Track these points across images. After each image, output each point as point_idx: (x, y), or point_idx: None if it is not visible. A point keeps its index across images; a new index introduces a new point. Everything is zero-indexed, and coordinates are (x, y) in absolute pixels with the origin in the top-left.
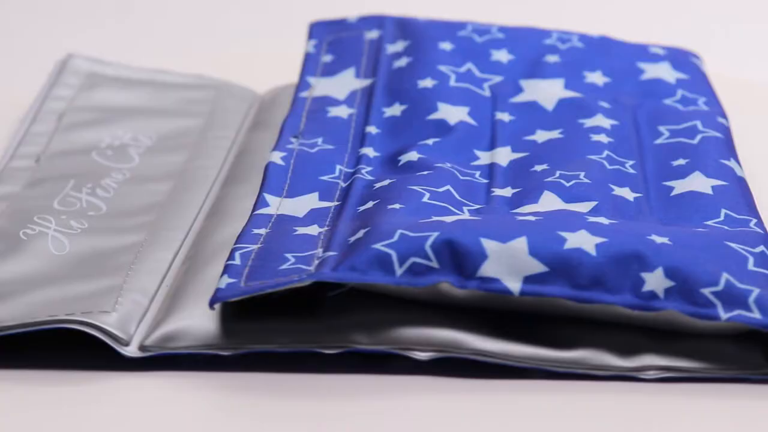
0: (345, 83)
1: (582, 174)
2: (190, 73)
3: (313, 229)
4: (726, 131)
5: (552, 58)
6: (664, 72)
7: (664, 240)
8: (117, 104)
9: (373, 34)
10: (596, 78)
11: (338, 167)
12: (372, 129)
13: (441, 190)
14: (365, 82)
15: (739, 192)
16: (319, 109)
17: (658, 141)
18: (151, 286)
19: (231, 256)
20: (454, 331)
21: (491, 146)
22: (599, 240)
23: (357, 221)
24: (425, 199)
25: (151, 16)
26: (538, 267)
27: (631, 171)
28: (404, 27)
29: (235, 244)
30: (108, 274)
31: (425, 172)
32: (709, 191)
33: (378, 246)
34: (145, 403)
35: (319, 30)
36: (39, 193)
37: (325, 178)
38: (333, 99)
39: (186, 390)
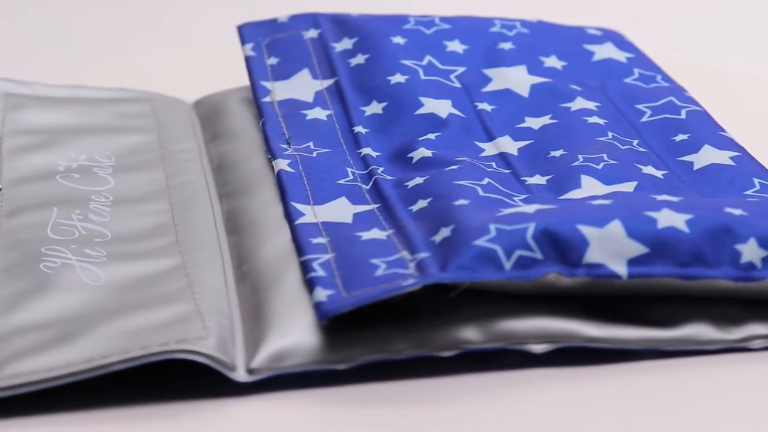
0: (305, 85)
1: (605, 155)
2: (100, 86)
3: (377, 233)
4: (700, 104)
5: (506, 46)
6: (612, 52)
7: (740, 211)
8: (52, 125)
9: (311, 33)
10: (553, 62)
11: (349, 170)
12: (360, 129)
13: (484, 183)
14: (327, 83)
15: (754, 160)
16: (292, 113)
17: (644, 119)
18: (223, 307)
19: (310, 268)
20: (564, 321)
21: (489, 137)
22: (686, 217)
23: (425, 221)
24: (481, 193)
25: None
26: (639, 249)
27: (642, 149)
28: (343, 24)
29: (302, 256)
30: (171, 300)
31: (453, 167)
32: (730, 162)
33: (479, 242)
34: (270, 428)
35: (250, 32)
36: (23, 223)
37: (341, 182)
38: (301, 102)
39: (302, 408)
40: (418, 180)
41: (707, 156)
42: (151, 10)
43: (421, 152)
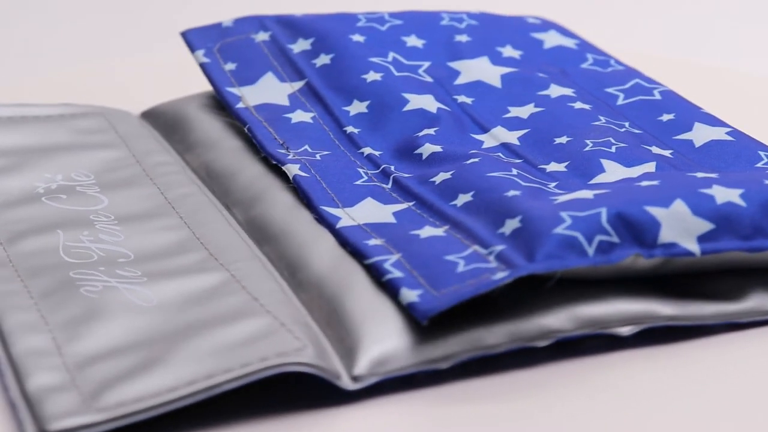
0: (274, 88)
1: (611, 139)
2: (40, 102)
3: (433, 231)
4: (664, 85)
5: (462, 38)
6: (559, 39)
7: None
8: (12, 146)
9: (262, 36)
10: (510, 52)
11: (360, 170)
12: (351, 129)
13: (515, 173)
14: (297, 85)
15: (747, 135)
16: (275, 117)
17: (620, 102)
18: (299, 317)
19: (384, 270)
20: (642, 302)
21: (482, 129)
22: (738, 191)
23: (480, 214)
24: (523, 183)
25: None
26: (705, 226)
27: (637, 131)
28: (292, 25)
29: (367, 259)
30: (242, 314)
31: (474, 160)
32: (728, 137)
33: (559, 231)
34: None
35: (197, 38)
36: (31, 249)
37: (359, 182)
38: (277, 106)
39: (409, 411)
40: (444, 175)
41: (703, 133)
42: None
43: (429, 148)
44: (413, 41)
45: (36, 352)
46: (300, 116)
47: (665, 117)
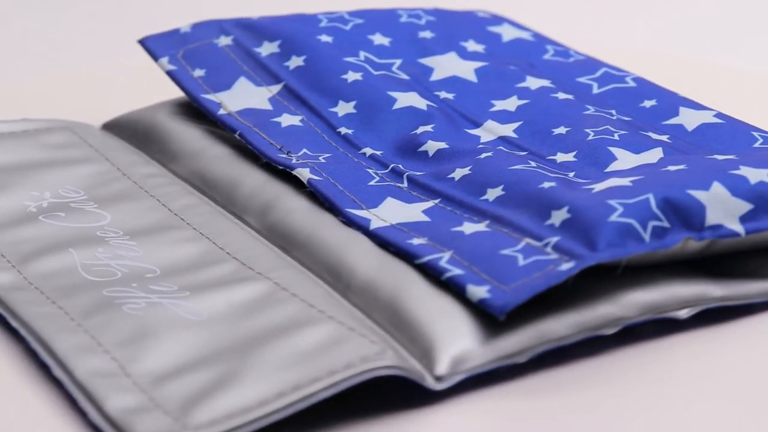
0: (251, 93)
1: (610, 127)
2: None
3: (474, 227)
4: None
5: (426, 34)
6: (515, 32)
7: None
8: None
9: (225, 41)
10: (474, 47)
11: (369, 171)
12: (344, 130)
13: (534, 164)
14: (274, 88)
15: (733, 117)
16: (263, 122)
17: (596, 91)
18: (362, 322)
19: (441, 269)
20: (692, 285)
21: (474, 123)
22: (765, 170)
23: (517, 207)
24: (551, 175)
25: None
26: (745, 206)
27: (627, 118)
28: (253, 28)
29: (418, 258)
30: (305, 322)
31: (488, 154)
32: (718, 120)
33: (613, 219)
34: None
35: (158, 45)
36: (48, 269)
37: (373, 183)
38: (260, 110)
39: (489, 407)
40: (462, 171)
41: (692, 117)
42: None
43: (433, 145)
44: (380, 39)
45: (101, 374)
46: (288, 120)
47: (647, 103)
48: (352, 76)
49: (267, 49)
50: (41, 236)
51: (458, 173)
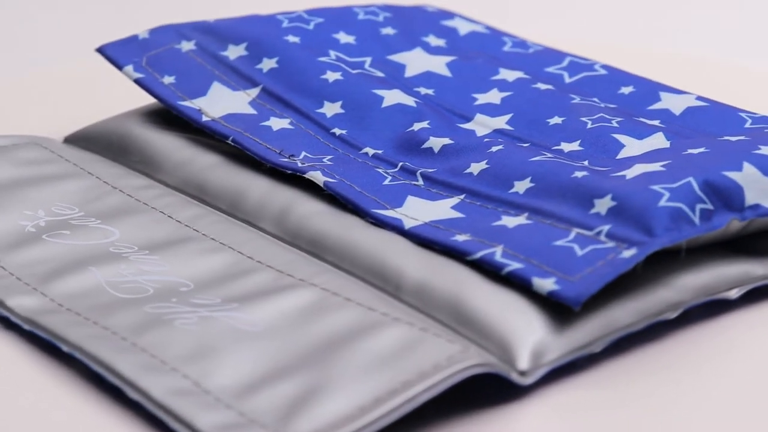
0: (229, 98)
1: (604, 115)
2: None
3: (514, 220)
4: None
5: (388, 31)
6: (468, 25)
7: None
8: None
9: (187, 46)
10: (436, 41)
11: (379, 171)
12: (338, 131)
13: (550, 155)
14: (253, 92)
15: (713, 99)
16: (252, 127)
17: (568, 81)
18: (429, 321)
19: (498, 264)
20: (736, 265)
21: (464, 118)
22: None
23: (555, 198)
24: (576, 164)
25: None
26: None
27: (612, 106)
28: (214, 31)
29: (470, 255)
30: (374, 326)
31: (499, 147)
32: (702, 103)
33: (663, 204)
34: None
35: (119, 53)
36: (73, 289)
37: (387, 183)
38: (244, 115)
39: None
40: (479, 165)
41: (675, 102)
42: None
43: (436, 141)
44: (345, 38)
45: (178, 392)
46: (278, 123)
47: (625, 90)
48: (332, 76)
49: (234, 52)
50: (53, 256)
51: (475, 168)
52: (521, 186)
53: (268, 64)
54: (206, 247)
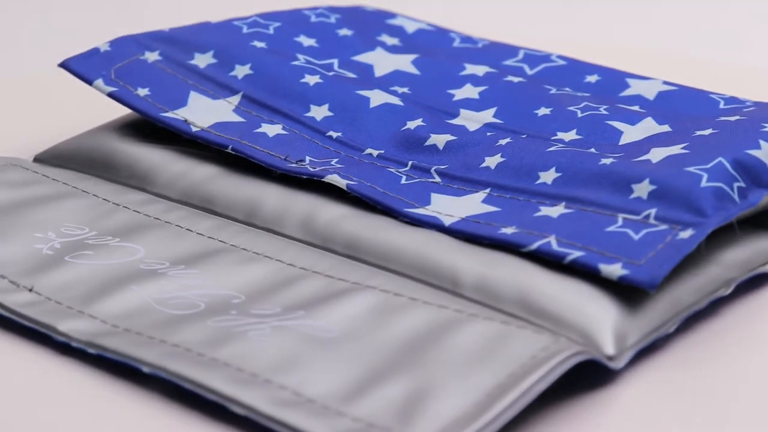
0: (210, 107)
1: (588, 104)
2: None
3: (552, 210)
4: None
5: (345, 32)
6: (413, 23)
7: None
8: None
9: (152, 56)
10: (391, 41)
11: (392, 171)
12: (333, 133)
13: (562, 146)
14: (234, 99)
15: (678, 83)
16: (246, 135)
17: (531, 73)
18: (497, 315)
19: (558, 253)
20: (766, 240)
21: (449, 114)
22: None
23: (587, 186)
24: (596, 152)
25: None
26: None
27: (586, 94)
28: (175, 41)
29: (526, 247)
30: (453, 324)
31: (508, 140)
32: (671, 87)
33: (704, 184)
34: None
35: (84, 67)
36: (119, 310)
37: (405, 182)
38: (235, 123)
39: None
40: (495, 159)
41: (644, 87)
42: None
43: (438, 138)
44: (307, 41)
45: (283, 403)
46: (272, 129)
47: (591, 79)
48: (311, 79)
49: (202, 60)
50: (85, 277)
51: (491, 162)
52: (547, 176)
53: (241, 70)
54: (241, 258)
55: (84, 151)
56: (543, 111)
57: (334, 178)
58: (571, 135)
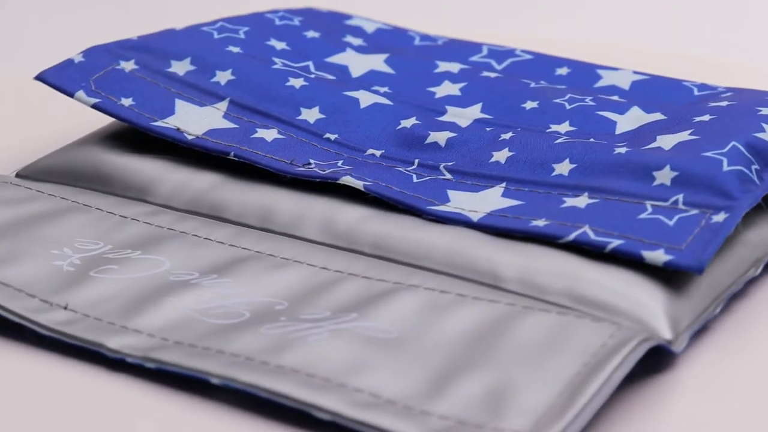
0: (200, 114)
1: (572, 95)
2: None
3: (583, 200)
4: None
5: (312, 34)
6: (371, 24)
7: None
8: None
9: (129, 65)
10: (356, 41)
11: (401, 170)
12: (331, 136)
13: (566, 137)
14: (221, 105)
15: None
16: (243, 141)
17: (500, 68)
18: (549, 306)
19: (597, 243)
20: None
21: (437, 112)
22: None
23: (606, 175)
24: (606, 142)
25: None
26: None
27: (562, 87)
28: (149, 49)
29: (563, 238)
30: (509, 318)
31: (511, 134)
32: (642, 76)
33: (726, 169)
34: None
35: (62, 79)
36: (159, 323)
37: (417, 181)
38: (228, 129)
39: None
40: (504, 153)
41: (616, 78)
42: None
43: (439, 135)
44: (278, 44)
45: (365, 405)
46: (268, 134)
47: (561, 71)
48: (296, 82)
49: (180, 68)
50: (116, 292)
51: (499, 156)
52: (563, 168)
53: (223, 76)
54: (271, 264)
55: (72, 165)
56: (530, 104)
57: (349, 180)
58: (564, 127)
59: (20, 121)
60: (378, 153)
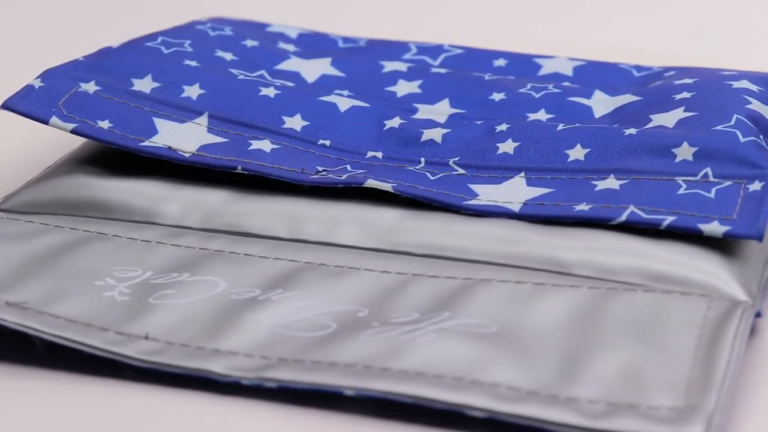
0: (184, 131)
1: (533, 84)
2: None
3: (615, 181)
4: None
5: (251, 43)
6: (291, 29)
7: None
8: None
9: (90, 87)
10: (291, 47)
11: (412, 169)
12: (325, 142)
13: (565, 125)
14: (201, 121)
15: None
16: (241, 154)
17: (437, 63)
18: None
19: (652, 221)
20: None
21: (410, 111)
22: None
23: (624, 156)
24: (605, 125)
25: None
26: None
27: (511, 77)
28: (105, 69)
29: (615, 219)
30: (599, 299)
31: (508, 125)
32: (580, 62)
33: (743, 140)
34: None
35: (30, 106)
36: (254, 343)
37: (434, 179)
38: (220, 144)
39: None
40: (509, 144)
41: (555, 65)
42: None
43: (433, 132)
44: (226, 55)
45: (510, 399)
46: (264, 145)
47: (499, 63)
48: (269, 92)
49: (144, 86)
50: (187, 317)
51: (506, 147)
52: (577, 153)
53: (192, 91)
54: (328, 273)
55: (64, 194)
56: (498, 96)
57: (375, 183)
58: (542, 115)
59: None
60: (379, 155)
